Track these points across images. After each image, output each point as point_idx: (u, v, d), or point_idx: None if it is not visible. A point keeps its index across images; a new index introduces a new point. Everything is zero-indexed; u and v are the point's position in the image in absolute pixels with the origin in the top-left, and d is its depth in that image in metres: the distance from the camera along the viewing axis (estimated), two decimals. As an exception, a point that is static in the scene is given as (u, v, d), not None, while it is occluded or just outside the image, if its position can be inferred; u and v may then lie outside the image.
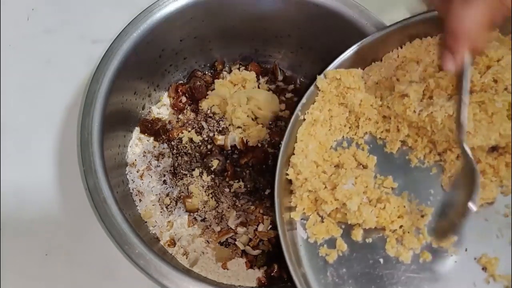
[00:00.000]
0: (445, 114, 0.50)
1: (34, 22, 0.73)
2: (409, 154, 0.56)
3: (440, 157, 0.55)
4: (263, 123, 0.68)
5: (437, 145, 0.54)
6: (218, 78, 0.74)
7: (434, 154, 0.55)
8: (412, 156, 0.55)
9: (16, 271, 0.60)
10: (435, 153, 0.55)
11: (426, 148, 0.55)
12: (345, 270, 0.52)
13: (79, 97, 0.67)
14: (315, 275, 0.52)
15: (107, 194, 0.55)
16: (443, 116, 0.50)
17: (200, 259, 0.63)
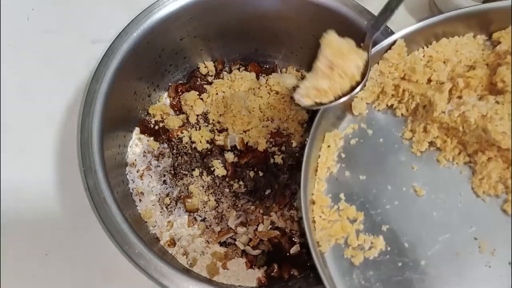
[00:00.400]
0: (478, 114, 0.49)
1: (34, 22, 0.73)
2: (437, 155, 0.54)
3: (470, 159, 0.53)
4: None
5: (467, 146, 0.53)
6: (218, 78, 0.74)
7: (464, 155, 0.53)
8: (440, 157, 0.54)
9: (16, 271, 0.60)
10: (465, 154, 0.53)
11: (456, 149, 0.53)
12: (372, 273, 0.51)
13: (79, 97, 0.67)
14: (340, 277, 0.52)
15: (107, 194, 0.55)
16: (476, 115, 0.49)
17: (200, 259, 0.63)
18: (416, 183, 0.54)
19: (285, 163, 0.67)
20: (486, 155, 0.51)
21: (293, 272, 0.62)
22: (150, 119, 0.71)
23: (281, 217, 0.65)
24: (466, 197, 0.52)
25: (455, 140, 0.53)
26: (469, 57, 0.55)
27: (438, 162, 0.54)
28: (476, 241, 0.50)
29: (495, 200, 0.51)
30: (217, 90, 0.71)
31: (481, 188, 0.52)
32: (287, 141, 0.69)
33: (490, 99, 0.50)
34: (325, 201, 0.55)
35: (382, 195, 0.54)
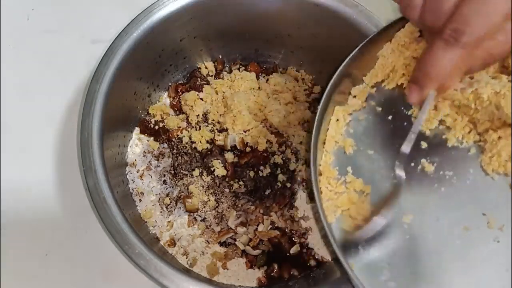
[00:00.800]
0: (492, 91, 0.49)
1: (34, 22, 0.73)
2: (446, 134, 0.54)
3: (480, 137, 0.53)
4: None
5: (478, 124, 0.52)
6: (218, 78, 0.74)
7: (474, 134, 0.53)
8: (450, 135, 0.54)
9: (16, 271, 0.60)
10: (475, 133, 0.53)
11: (466, 127, 0.53)
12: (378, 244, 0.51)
13: (79, 97, 0.67)
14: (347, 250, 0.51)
15: (107, 194, 0.55)
16: (489, 92, 0.49)
17: (200, 259, 0.63)
18: (424, 160, 0.53)
19: (285, 163, 0.68)
20: (497, 133, 0.51)
21: (293, 272, 0.62)
22: (150, 119, 0.71)
23: (281, 217, 0.65)
24: (475, 174, 0.52)
25: (466, 118, 0.53)
26: None
27: (447, 140, 0.54)
28: (484, 216, 0.50)
29: (504, 178, 0.51)
30: (217, 90, 0.71)
31: (490, 166, 0.51)
32: (287, 141, 0.69)
33: (503, 78, 0.50)
34: (332, 173, 0.54)
35: (390, 170, 0.54)
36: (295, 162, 0.67)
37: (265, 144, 0.67)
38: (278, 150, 0.68)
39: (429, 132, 0.55)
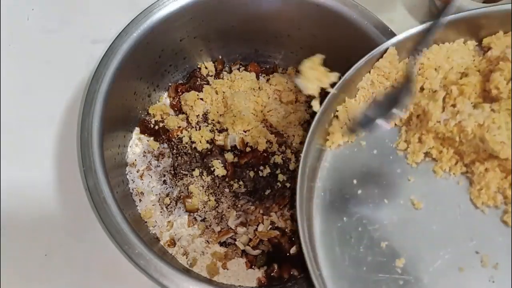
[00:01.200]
0: (475, 123, 0.48)
1: (34, 22, 0.73)
2: (434, 166, 0.53)
3: (468, 169, 0.52)
4: None
5: (464, 156, 0.51)
6: (218, 78, 0.74)
7: (461, 166, 0.52)
8: (437, 168, 0.53)
9: (16, 271, 0.60)
10: (462, 165, 0.52)
11: (452, 159, 0.52)
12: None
13: (79, 97, 0.67)
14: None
15: (107, 194, 0.55)
16: (473, 125, 0.48)
17: (200, 259, 0.63)
18: (414, 196, 0.52)
19: (285, 163, 0.68)
20: (484, 165, 0.50)
21: (293, 272, 0.62)
22: (150, 119, 0.71)
23: (281, 217, 0.65)
24: (465, 208, 0.51)
25: (451, 150, 0.52)
26: (461, 63, 0.54)
27: (434, 173, 0.53)
28: (478, 255, 0.49)
29: (495, 211, 0.50)
30: (217, 90, 0.71)
31: (479, 199, 0.51)
32: (287, 141, 0.69)
33: (485, 107, 0.49)
34: None
35: (379, 209, 0.53)
36: (295, 162, 0.67)
37: (265, 144, 0.67)
38: (278, 150, 0.68)
39: (416, 165, 0.54)
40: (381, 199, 0.53)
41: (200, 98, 0.71)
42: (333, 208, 0.54)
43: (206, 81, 0.74)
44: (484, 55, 0.54)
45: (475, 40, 0.55)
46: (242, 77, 0.72)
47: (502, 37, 0.53)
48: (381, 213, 0.52)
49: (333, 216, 0.53)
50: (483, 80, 0.52)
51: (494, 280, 0.48)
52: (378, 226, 0.52)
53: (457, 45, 0.55)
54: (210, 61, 0.76)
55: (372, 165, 0.55)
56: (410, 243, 0.51)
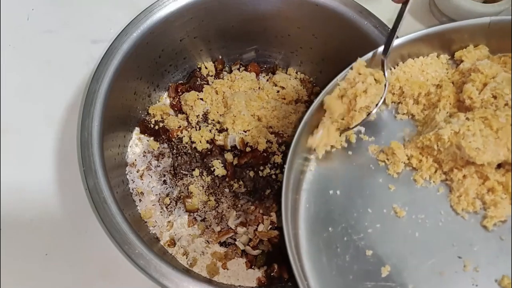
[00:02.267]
0: (451, 131, 0.50)
1: (34, 22, 0.73)
2: (414, 175, 0.55)
3: (447, 176, 0.54)
4: None
5: (443, 164, 0.53)
6: (218, 78, 0.74)
7: (440, 174, 0.54)
8: (417, 176, 0.54)
9: (16, 271, 0.60)
10: (441, 173, 0.54)
11: (432, 167, 0.54)
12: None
13: (79, 97, 0.67)
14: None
15: (107, 194, 0.55)
16: (449, 133, 0.50)
17: (200, 259, 0.63)
18: (396, 204, 0.54)
19: (285, 163, 0.67)
20: (462, 172, 0.52)
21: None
22: (150, 119, 0.71)
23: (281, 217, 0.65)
24: (446, 215, 0.52)
25: (430, 158, 0.54)
26: (435, 76, 0.57)
27: (415, 182, 0.55)
28: (460, 259, 0.50)
29: (474, 217, 0.52)
30: (217, 90, 0.71)
31: (459, 206, 0.52)
32: (287, 141, 0.69)
33: (460, 116, 0.52)
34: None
35: (364, 219, 0.54)
36: (295, 162, 0.67)
37: (265, 144, 0.67)
38: (278, 150, 0.68)
39: (397, 175, 0.55)
40: (365, 208, 0.54)
41: (200, 98, 0.71)
42: (318, 219, 0.55)
43: (206, 81, 0.74)
44: (457, 67, 0.57)
45: (447, 53, 0.58)
46: (242, 77, 0.72)
47: (473, 50, 0.56)
48: (365, 222, 0.54)
49: (318, 226, 0.55)
50: (456, 91, 0.55)
51: (478, 284, 0.49)
52: (363, 235, 0.53)
53: (430, 58, 0.57)
54: (210, 61, 0.76)
55: (354, 176, 0.56)
56: (395, 251, 0.52)
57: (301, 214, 0.55)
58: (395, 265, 0.51)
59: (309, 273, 0.52)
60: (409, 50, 0.56)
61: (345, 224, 0.54)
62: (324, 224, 0.54)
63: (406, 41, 0.55)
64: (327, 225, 0.54)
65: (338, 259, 0.52)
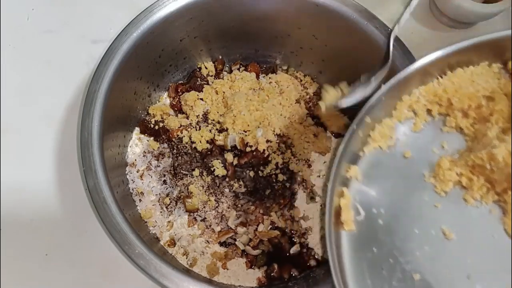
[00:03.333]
0: (506, 151, 0.47)
1: (34, 22, 0.73)
2: (464, 194, 0.51)
3: (500, 197, 0.50)
4: None
5: (495, 184, 0.50)
6: (218, 78, 0.74)
7: (493, 194, 0.50)
8: (467, 196, 0.51)
9: (16, 271, 0.60)
10: (494, 193, 0.50)
11: (483, 187, 0.50)
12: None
13: (79, 97, 0.67)
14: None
15: (107, 194, 0.55)
16: (504, 152, 0.47)
17: (200, 259, 0.63)
18: (444, 225, 0.50)
19: (285, 163, 0.67)
20: None
21: (293, 272, 0.62)
22: (150, 119, 0.71)
23: (281, 217, 0.65)
24: (499, 239, 0.49)
25: (482, 178, 0.50)
26: (486, 87, 0.53)
27: (465, 201, 0.51)
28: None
29: None
30: (217, 90, 0.71)
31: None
32: (287, 141, 0.69)
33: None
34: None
35: (410, 240, 0.50)
36: (295, 162, 0.67)
37: (265, 144, 0.67)
38: (278, 150, 0.68)
39: (444, 194, 0.51)
40: (411, 229, 0.51)
41: (200, 98, 0.71)
42: (362, 239, 0.52)
43: (206, 81, 0.74)
44: (509, 77, 0.53)
45: (499, 62, 0.54)
46: (242, 77, 0.72)
47: None
48: (412, 244, 0.50)
49: (362, 247, 0.51)
50: (510, 104, 0.51)
51: None
52: (410, 258, 0.50)
53: (481, 68, 0.54)
54: (210, 61, 0.75)
55: (399, 193, 0.53)
56: (445, 276, 0.49)
57: (343, 234, 0.52)
58: None
59: None
60: (458, 59, 0.53)
61: (390, 245, 0.51)
62: (369, 244, 0.51)
63: (455, 50, 0.52)
64: (371, 245, 0.51)
65: (384, 282, 0.49)
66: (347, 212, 0.51)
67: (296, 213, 0.65)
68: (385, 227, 0.52)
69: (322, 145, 0.68)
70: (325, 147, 0.69)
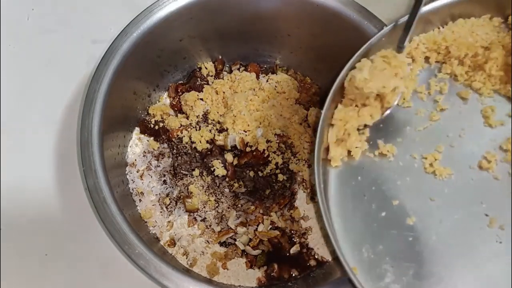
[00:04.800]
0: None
1: (34, 22, 0.73)
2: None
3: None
4: None
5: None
6: (218, 78, 0.74)
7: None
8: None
9: (16, 271, 0.60)
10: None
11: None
12: (382, 247, 0.52)
13: (79, 97, 0.67)
14: (350, 251, 0.52)
15: (107, 194, 0.55)
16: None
17: (200, 259, 0.63)
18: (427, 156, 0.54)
19: (285, 163, 0.67)
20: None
21: (293, 272, 0.62)
22: (150, 119, 0.71)
23: (281, 217, 0.65)
24: (478, 173, 0.52)
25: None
26: (485, 38, 0.55)
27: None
28: (487, 217, 0.51)
29: (508, 179, 0.52)
30: (217, 90, 0.71)
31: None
32: (287, 141, 0.69)
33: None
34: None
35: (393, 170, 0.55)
36: (295, 162, 0.67)
37: (265, 144, 0.67)
38: (278, 150, 0.68)
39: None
40: (396, 161, 0.55)
41: (200, 98, 0.71)
42: (348, 168, 0.56)
43: (206, 81, 0.74)
44: (509, 31, 0.55)
45: (501, 17, 0.56)
46: (242, 77, 0.72)
47: None
48: (394, 174, 0.54)
49: (348, 175, 0.55)
50: (505, 55, 0.53)
51: (502, 241, 0.50)
52: (391, 186, 0.54)
53: (483, 20, 0.56)
54: (210, 61, 0.75)
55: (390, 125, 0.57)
56: (421, 204, 0.53)
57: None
58: (420, 217, 0.52)
59: (335, 218, 0.53)
60: (461, 9, 0.55)
61: (374, 175, 0.55)
62: (354, 174, 0.55)
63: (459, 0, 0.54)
64: (356, 174, 0.55)
65: (365, 207, 0.54)
66: (335, 149, 0.55)
67: (296, 213, 0.65)
68: (370, 160, 0.56)
69: (322, 145, 0.68)
70: (325, 147, 0.69)
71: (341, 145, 0.56)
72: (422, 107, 0.57)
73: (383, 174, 0.55)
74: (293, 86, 0.73)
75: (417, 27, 0.55)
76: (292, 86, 0.73)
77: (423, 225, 0.52)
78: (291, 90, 0.72)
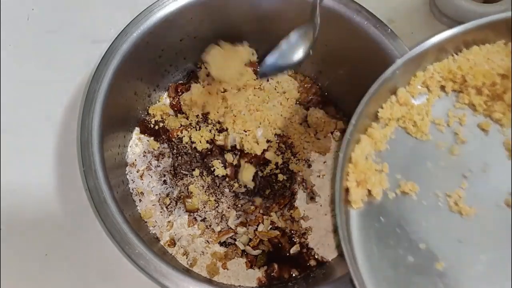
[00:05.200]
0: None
1: (34, 22, 0.73)
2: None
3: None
4: None
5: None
6: (218, 78, 0.74)
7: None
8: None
9: (16, 271, 0.60)
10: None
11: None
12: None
13: (79, 97, 0.68)
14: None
15: (107, 194, 0.55)
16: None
17: (200, 259, 0.63)
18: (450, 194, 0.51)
19: (285, 163, 0.67)
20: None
21: (293, 272, 0.62)
22: (150, 119, 0.71)
23: (281, 217, 0.65)
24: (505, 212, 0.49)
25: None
26: (501, 65, 0.53)
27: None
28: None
29: None
30: (217, 90, 0.71)
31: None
32: (287, 141, 0.69)
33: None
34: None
35: (417, 211, 0.51)
36: (295, 162, 0.67)
37: (265, 144, 0.67)
38: (278, 150, 0.68)
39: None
40: (419, 200, 0.52)
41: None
42: (370, 208, 0.53)
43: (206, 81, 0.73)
44: None
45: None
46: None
47: None
48: (419, 215, 0.51)
49: (370, 216, 0.52)
50: None
51: None
52: (417, 228, 0.51)
53: (497, 46, 0.54)
54: (210, 61, 0.75)
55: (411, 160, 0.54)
56: (449, 246, 0.50)
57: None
58: (450, 260, 0.49)
59: (360, 262, 0.50)
60: (474, 36, 0.53)
61: (397, 216, 0.52)
62: (376, 215, 0.52)
63: (471, 27, 0.52)
64: (378, 215, 0.52)
65: (390, 250, 0.50)
66: (355, 191, 0.52)
67: (296, 213, 0.65)
68: (392, 199, 0.53)
69: (322, 145, 0.68)
70: (325, 147, 0.69)
71: (361, 185, 0.52)
72: (442, 140, 0.54)
73: (406, 214, 0.51)
74: (293, 86, 0.73)
75: (431, 56, 0.54)
76: (292, 86, 0.73)
77: (453, 270, 0.48)
78: (291, 90, 0.72)
